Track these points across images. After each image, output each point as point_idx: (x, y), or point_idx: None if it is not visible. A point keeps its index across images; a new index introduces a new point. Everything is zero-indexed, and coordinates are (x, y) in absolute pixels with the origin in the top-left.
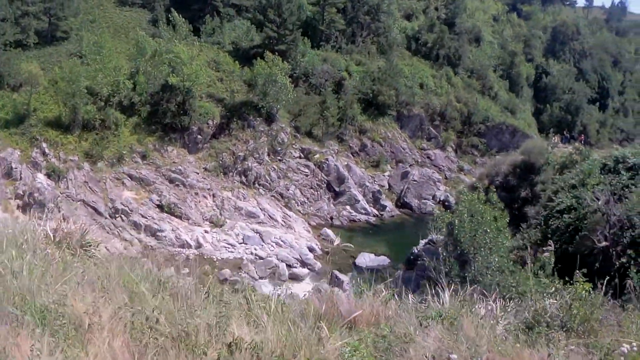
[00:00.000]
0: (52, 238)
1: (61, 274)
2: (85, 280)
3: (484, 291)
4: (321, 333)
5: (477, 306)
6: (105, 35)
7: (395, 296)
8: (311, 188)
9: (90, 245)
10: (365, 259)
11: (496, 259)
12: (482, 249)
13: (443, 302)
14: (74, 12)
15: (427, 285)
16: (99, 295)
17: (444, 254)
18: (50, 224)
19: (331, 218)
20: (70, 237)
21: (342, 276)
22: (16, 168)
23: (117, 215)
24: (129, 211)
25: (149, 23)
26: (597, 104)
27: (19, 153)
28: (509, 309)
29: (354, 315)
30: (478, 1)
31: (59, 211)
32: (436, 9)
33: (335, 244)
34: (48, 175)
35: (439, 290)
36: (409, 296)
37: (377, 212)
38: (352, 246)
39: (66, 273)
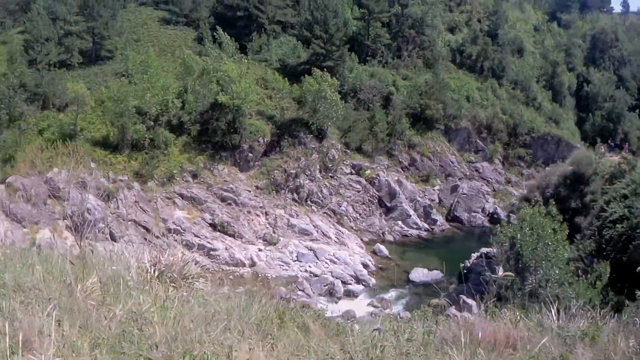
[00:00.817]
0: (152, 272)
1: (194, 315)
2: (217, 319)
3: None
4: None
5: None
6: (151, 54)
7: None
8: (363, 204)
9: (192, 278)
10: (419, 274)
11: (556, 271)
12: (542, 262)
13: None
14: (118, 32)
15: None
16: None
17: (506, 267)
18: (147, 256)
19: (383, 233)
20: (170, 269)
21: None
22: (64, 188)
23: (169, 235)
24: (181, 230)
25: (195, 41)
26: (637, 110)
27: (66, 173)
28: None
29: (492, 338)
30: (519, 11)
31: (110, 231)
32: (479, 20)
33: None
34: (97, 195)
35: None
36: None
37: (428, 227)
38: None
39: (195, 312)
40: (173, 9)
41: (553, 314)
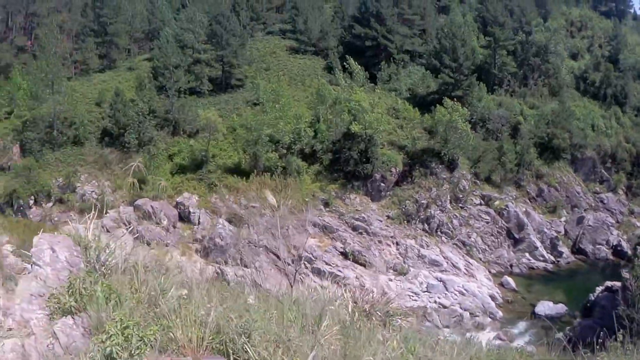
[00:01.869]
0: (360, 308)
1: None
2: None
3: None
4: None
5: None
6: (283, 83)
7: None
8: (492, 235)
9: (397, 315)
10: (544, 307)
11: None
12: None
13: None
14: (248, 60)
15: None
16: None
17: None
18: (348, 292)
19: (511, 265)
20: (374, 306)
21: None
22: (194, 212)
23: (300, 262)
24: (312, 258)
25: (324, 70)
26: None
27: (196, 198)
28: None
29: None
30: (637, 35)
31: (241, 257)
32: (600, 46)
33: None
34: (229, 221)
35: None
36: None
37: (553, 259)
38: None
39: None
40: (301, 38)
41: None
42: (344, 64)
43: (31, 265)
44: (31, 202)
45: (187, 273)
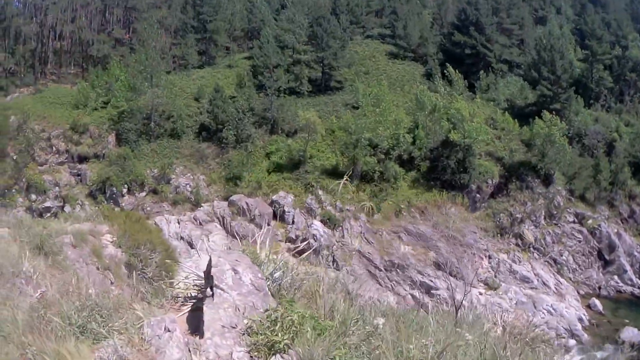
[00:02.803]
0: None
1: None
2: None
3: None
4: None
5: None
6: (383, 88)
7: None
8: (583, 255)
9: (541, 342)
10: (630, 334)
11: None
12: None
13: None
14: (348, 63)
15: None
16: None
17: None
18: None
19: (599, 287)
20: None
21: None
22: (289, 212)
23: (392, 269)
24: (405, 266)
25: (423, 77)
26: None
27: (292, 197)
28: None
29: None
30: None
31: (334, 259)
32: None
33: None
34: (323, 223)
35: None
36: None
37: None
38: None
39: None
40: (400, 44)
41: None
42: (444, 71)
43: (212, 289)
44: (124, 190)
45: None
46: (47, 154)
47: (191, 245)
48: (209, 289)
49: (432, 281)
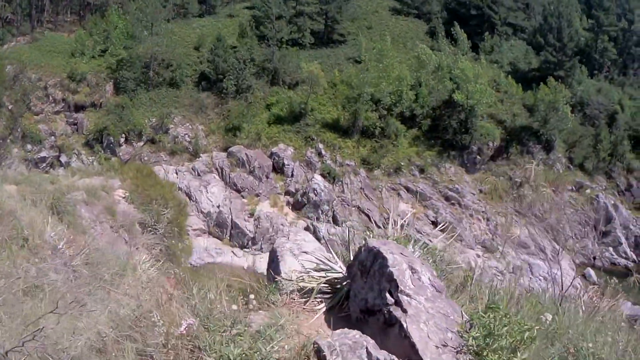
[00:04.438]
0: None
1: None
2: None
3: None
4: None
5: None
6: (387, 43)
7: None
8: (579, 224)
9: None
10: (624, 308)
11: None
12: None
13: None
14: (351, 17)
15: None
16: None
17: None
18: None
19: (594, 258)
20: None
21: None
22: (288, 165)
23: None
24: (404, 224)
25: (427, 35)
26: None
27: (292, 150)
28: None
29: None
30: None
31: (333, 214)
32: None
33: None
34: (323, 177)
35: None
36: None
37: (635, 258)
38: None
39: None
40: (404, 0)
41: None
42: (448, 29)
43: (390, 294)
44: (122, 140)
45: None
46: (44, 104)
47: (189, 196)
48: (388, 296)
49: (430, 241)
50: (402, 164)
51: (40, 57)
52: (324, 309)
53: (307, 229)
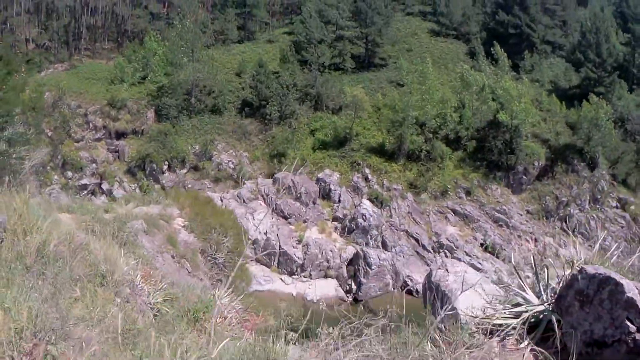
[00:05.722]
0: None
1: None
2: None
3: None
4: None
5: None
6: (428, 66)
7: None
8: (625, 241)
9: None
10: None
11: None
12: None
13: None
14: (391, 40)
15: None
16: None
17: None
18: None
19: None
20: None
21: None
22: (335, 190)
23: (440, 250)
24: (454, 247)
25: (467, 55)
26: None
27: (337, 176)
28: None
29: None
30: None
31: (383, 239)
32: None
33: None
34: (370, 202)
35: None
36: None
37: None
38: None
39: None
40: (443, 21)
41: None
42: (487, 50)
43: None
44: (165, 167)
45: None
46: (84, 131)
47: None
48: (629, 324)
49: (480, 263)
50: (448, 186)
51: (79, 84)
52: (528, 347)
53: (356, 255)
